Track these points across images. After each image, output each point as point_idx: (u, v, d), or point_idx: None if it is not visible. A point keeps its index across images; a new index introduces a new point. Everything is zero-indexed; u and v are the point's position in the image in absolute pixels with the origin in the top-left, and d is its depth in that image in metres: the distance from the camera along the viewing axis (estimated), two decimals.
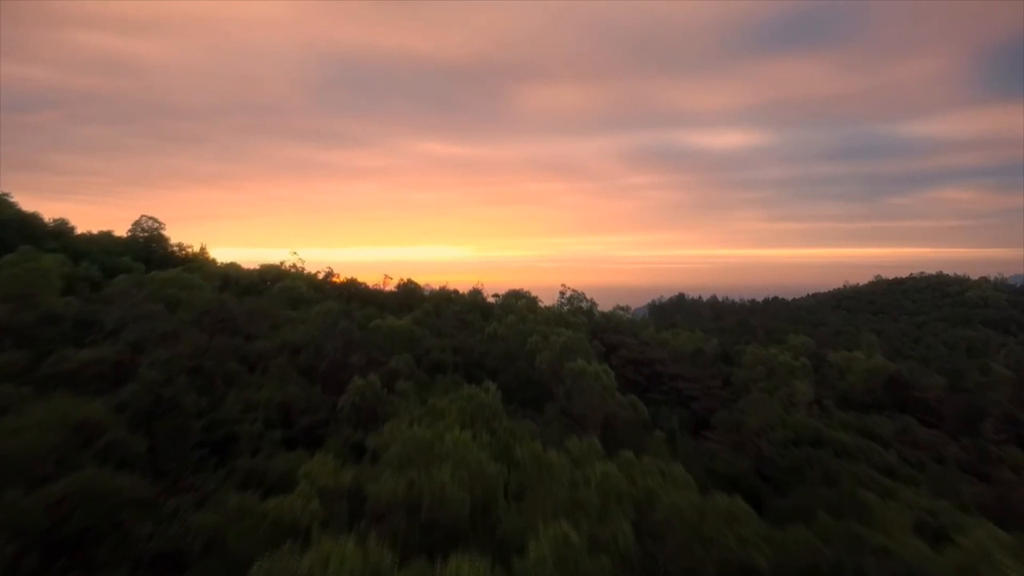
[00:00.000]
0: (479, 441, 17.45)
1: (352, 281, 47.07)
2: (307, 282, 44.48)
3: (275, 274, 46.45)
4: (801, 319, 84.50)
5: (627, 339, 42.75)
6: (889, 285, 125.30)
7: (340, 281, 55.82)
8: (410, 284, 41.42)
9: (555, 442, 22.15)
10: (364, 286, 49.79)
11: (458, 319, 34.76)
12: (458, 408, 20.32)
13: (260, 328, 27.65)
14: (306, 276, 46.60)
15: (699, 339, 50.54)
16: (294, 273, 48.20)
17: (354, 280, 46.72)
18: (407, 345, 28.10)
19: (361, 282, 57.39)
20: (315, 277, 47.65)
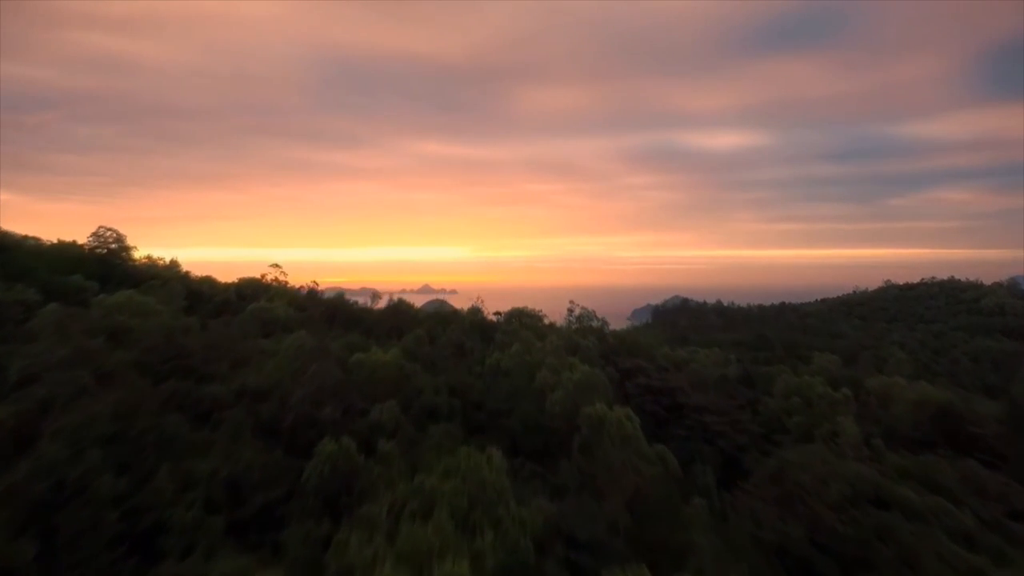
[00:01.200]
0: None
1: (340, 296, 42.32)
2: (288, 298, 39.77)
3: (254, 289, 41.78)
4: (816, 329, 79.89)
5: (643, 364, 38.14)
6: (900, 291, 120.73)
7: (326, 289, 51.60)
8: (401, 304, 36.58)
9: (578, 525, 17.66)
10: (354, 304, 45.03)
11: (455, 346, 30.15)
12: (453, 489, 15.77)
13: (219, 367, 23.05)
14: (288, 291, 41.81)
15: (718, 358, 45.99)
16: (275, 288, 43.50)
17: (342, 294, 41.96)
18: (394, 386, 23.53)
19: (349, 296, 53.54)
20: (298, 292, 42.82)
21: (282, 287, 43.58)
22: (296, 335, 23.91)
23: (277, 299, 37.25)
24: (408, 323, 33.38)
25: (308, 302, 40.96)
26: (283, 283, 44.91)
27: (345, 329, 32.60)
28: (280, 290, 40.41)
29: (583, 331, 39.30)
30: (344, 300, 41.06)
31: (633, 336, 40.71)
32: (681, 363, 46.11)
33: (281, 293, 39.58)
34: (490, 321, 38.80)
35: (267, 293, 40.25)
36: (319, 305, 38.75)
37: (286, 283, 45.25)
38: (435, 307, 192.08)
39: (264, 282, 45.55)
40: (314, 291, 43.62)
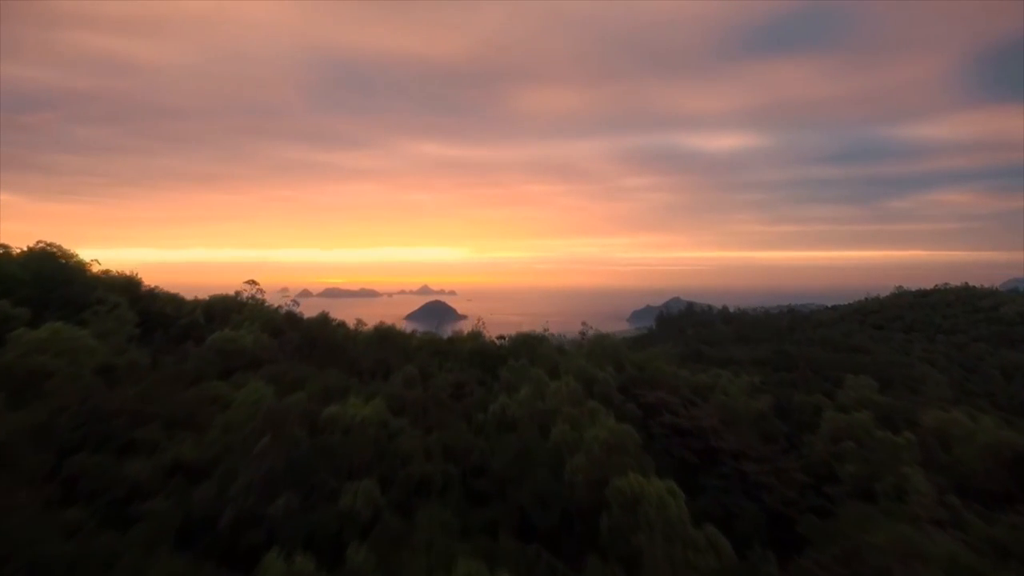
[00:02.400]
0: None
1: (323, 319, 37.04)
2: (264, 320, 34.57)
3: (226, 308, 36.54)
4: (836, 342, 74.96)
5: (668, 398, 33.17)
6: (915, 298, 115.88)
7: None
8: (390, 332, 31.28)
9: None
10: (341, 324, 39.72)
11: (453, 385, 25.02)
12: None
13: (151, 430, 18.04)
14: (265, 311, 36.52)
15: (745, 384, 40.96)
16: (251, 306, 38.26)
17: (326, 316, 36.67)
18: (374, 452, 18.54)
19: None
20: (277, 312, 37.52)
21: (258, 305, 38.39)
22: (252, 387, 18.85)
23: (249, 323, 32.22)
24: (398, 355, 28.26)
25: (286, 324, 35.90)
26: (260, 301, 39.69)
27: (324, 363, 27.48)
28: (255, 310, 35.30)
29: (598, 356, 34.30)
30: (327, 323, 35.84)
31: (654, 361, 35.71)
32: (704, 389, 41.14)
33: (256, 314, 34.50)
34: (493, 347, 33.76)
35: (240, 314, 35.21)
36: (297, 330, 33.63)
37: (263, 301, 40.03)
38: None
39: (240, 299, 40.46)
40: (293, 313, 38.22)
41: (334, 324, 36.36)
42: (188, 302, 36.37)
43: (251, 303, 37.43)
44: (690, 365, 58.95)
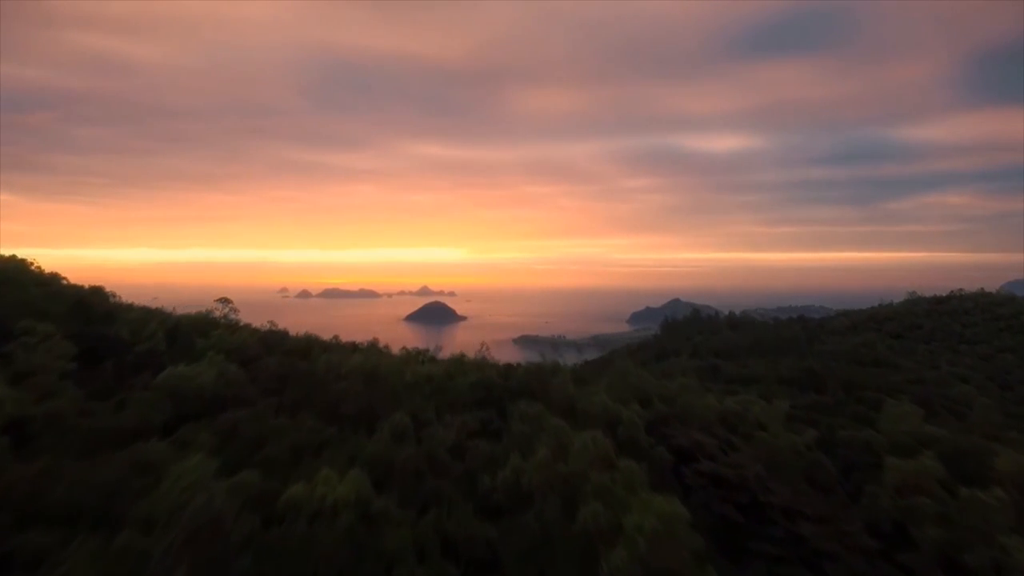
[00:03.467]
0: None
1: (307, 342, 32.31)
2: (237, 345, 29.76)
3: (196, 327, 31.58)
4: (860, 355, 70.23)
5: (702, 438, 28.26)
6: (930, 305, 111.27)
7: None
8: (378, 370, 26.11)
9: None
10: (326, 350, 34.88)
11: (458, 435, 20.07)
12: None
13: (36, 534, 13.31)
14: (238, 335, 31.52)
15: (778, 412, 36.24)
16: (223, 326, 33.31)
17: (311, 341, 31.90)
18: (349, 555, 13.82)
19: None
20: (253, 335, 32.50)
21: (232, 327, 33.43)
22: (189, 466, 14.02)
23: (214, 352, 27.46)
24: (387, 397, 23.37)
25: (263, 347, 31.02)
26: (235, 321, 34.70)
27: (300, 403, 22.66)
28: (224, 336, 30.33)
29: (619, 387, 29.49)
30: (310, 349, 30.91)
31: (684, 394, 30.85)
32: (735, 418, 36.38)
33: (224, 341, 29.66)
34: (500, 379, 28.87)
35: (209, 338, 30.39)
36: (275, 354, 28.69)
37: (238, 321, 35.09)
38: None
39: (212, 317, 35.60)
40: (274, 334, 33.12)
41: (318, 350, 31.59)
42: (152, 321, 31.54)
43: (224, 323, 32.66)
44: (708, 384, 54.25)
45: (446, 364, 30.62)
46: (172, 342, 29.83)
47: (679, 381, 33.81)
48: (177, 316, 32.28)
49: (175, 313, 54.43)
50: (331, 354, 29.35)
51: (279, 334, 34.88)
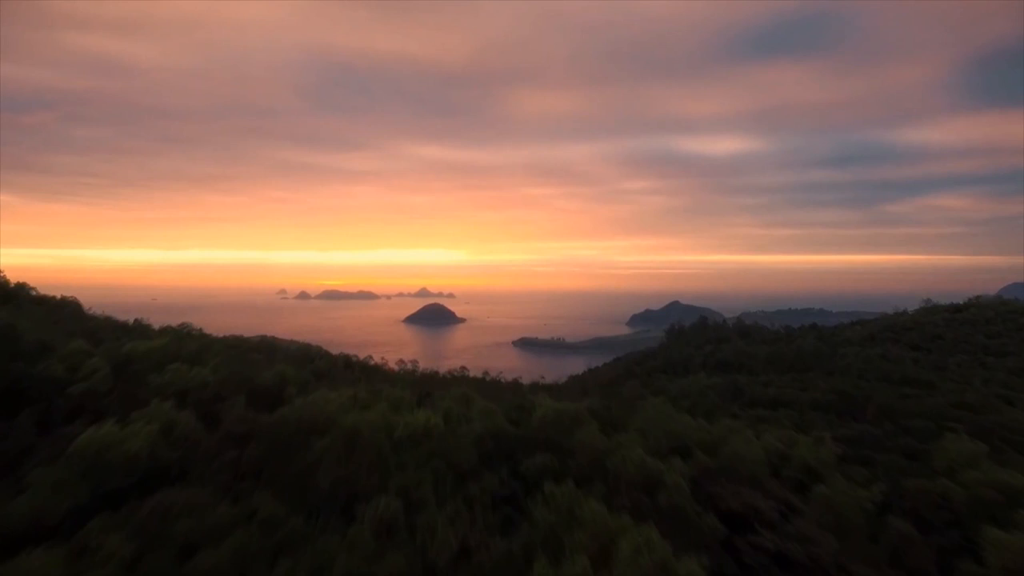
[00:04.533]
0: None
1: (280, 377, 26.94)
2: (193, 385, 24.38)
3: (146, 357, 26.22)
4: (887, 371, 65.31)
5: (756, 500, 23.25)
6: (948, 313, 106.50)
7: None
8: (360, 431, 20.35)
9: None
10: (304, 376, 29.68)
11: (463, 541, 14.92)
12: None
13: None
14: (202, 370, 25.84)
15: (831, 456, 31.27)
16: (184, 356, 27.72)
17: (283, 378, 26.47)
18: None
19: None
20: (218, 370, 27.00)
21: (195, 358, 28.15)
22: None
23: (172, 389, 22.36)
24: (372, 467, 18.19)
25: (229, 385, 25.73)
26: (205, 343, 29.43)
27: (264, 476, 17.54)
28: (180, 375, 24.96)
29: (656, 437, 24.33)
30: (280, 394, 25.49)
31: (730, 440, 25.65)
32: (780, 461, 31.38)
33: (184, 376, 24.49)
34: (511, 428, 23.70)
35: (163, 374, 25.26)
36: (232, 411, 23.38)
37: (210, 346, 29.75)
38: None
39: (177, 345, 30.38)
40: (249, 362, 27.30)
41: (295, 386, 26.44)
42: (99, 352, 26.38)
43: (185, 356, 27.47)
44: (734, 408, 49.34)
45: (446, 405, 25.57)
46: (118, 379, 24.76)
47: (723, 424, 28.75)
48: (127, 348, 27.12)
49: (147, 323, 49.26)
50: (309, 396, 24.26)
51: (253, 364, 29.67)
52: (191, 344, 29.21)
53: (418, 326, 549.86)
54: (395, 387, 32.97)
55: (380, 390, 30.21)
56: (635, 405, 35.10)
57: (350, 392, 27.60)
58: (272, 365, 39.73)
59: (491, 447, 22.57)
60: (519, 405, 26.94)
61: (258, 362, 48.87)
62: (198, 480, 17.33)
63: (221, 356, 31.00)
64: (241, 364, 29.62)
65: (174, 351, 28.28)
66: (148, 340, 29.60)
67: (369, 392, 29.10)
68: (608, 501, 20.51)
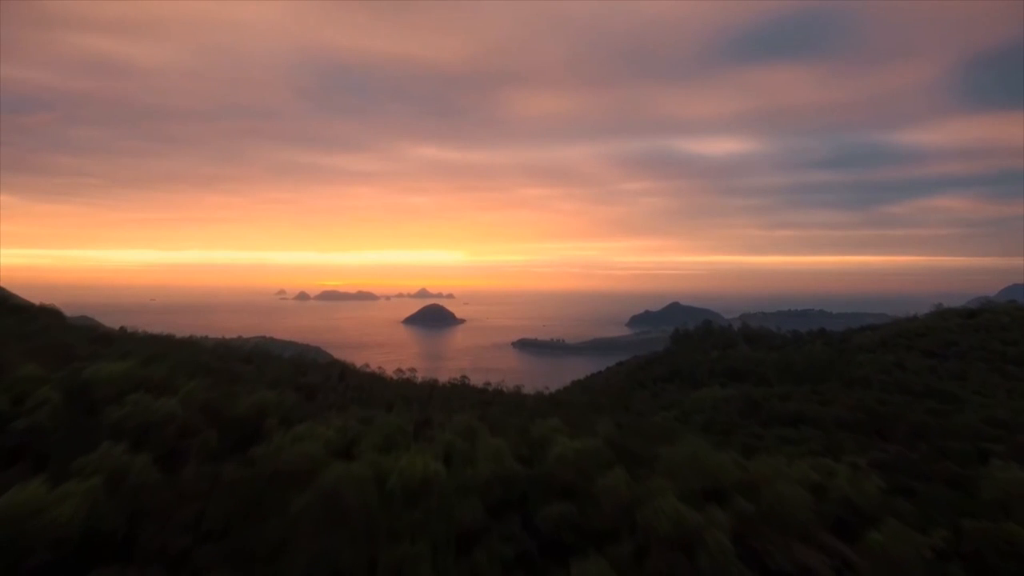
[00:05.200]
0: None
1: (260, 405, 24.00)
2: (156, 419, 21.15)
3: (107, 383, 23.15)
4: (908, 383, 62.33)
5: (809, 557, 20.44)
6: (962, 319, 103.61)
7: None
8: (342, 490, 17.38)
9: None
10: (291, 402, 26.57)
11: None
12: None
13: None
14: (169, 401, 22.41)
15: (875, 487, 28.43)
16: (154, 381, 24.29)
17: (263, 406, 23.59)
18: None
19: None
20: (188, 400, 23.65)
21: (163, 384, 24.78)
22: None
23: (131, 423, 19.21)
24: (357, 536, 15.27)
25: (200, 417, 22.61)
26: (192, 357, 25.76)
27: (229, 545, 14.69)
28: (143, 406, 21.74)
29: (688, 478, 21.40)
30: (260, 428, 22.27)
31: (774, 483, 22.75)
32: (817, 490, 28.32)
33: (147, 408, 21.26)
34: (522, 465, 20.68)
35: (123, 405, 22.02)
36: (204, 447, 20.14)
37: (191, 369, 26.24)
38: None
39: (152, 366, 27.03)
40: (227, 388, 23.51)
41: (275, 416, 23.33)
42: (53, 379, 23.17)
43: (154, 381, 24.24)
44: (753, 426, 46.25)
45: (447, 440, 22.28)
46: (71, 412, 21.54)
47: (763, 462, 25.54)
48: (91, 370, 23.88)
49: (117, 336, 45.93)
50: (290, 432, 21.04)
51: (235, 384, 26.49)
52: (159, 370, 25.90)
53: (417, 327, 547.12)
54: (390, 411, 29.78)
55: (373, 416, 27.00)
56: (656, 428, 31.94)
57: (339, 423, 24.32)
58: (257, 385, 36.52)
59: (500, 494, 19.31)
60: (530, 439, 23.78)
61: (245, 376, 45.72)
62: (145, 550, 14.12)
63: (197, 380, 27.64)
64: (218, 388, 26.37)
65: (141, 375, 24.98)
66: (115, 361, 26.27)
67: (361, 420, 25.82)
68: (639, 563, 17.42)
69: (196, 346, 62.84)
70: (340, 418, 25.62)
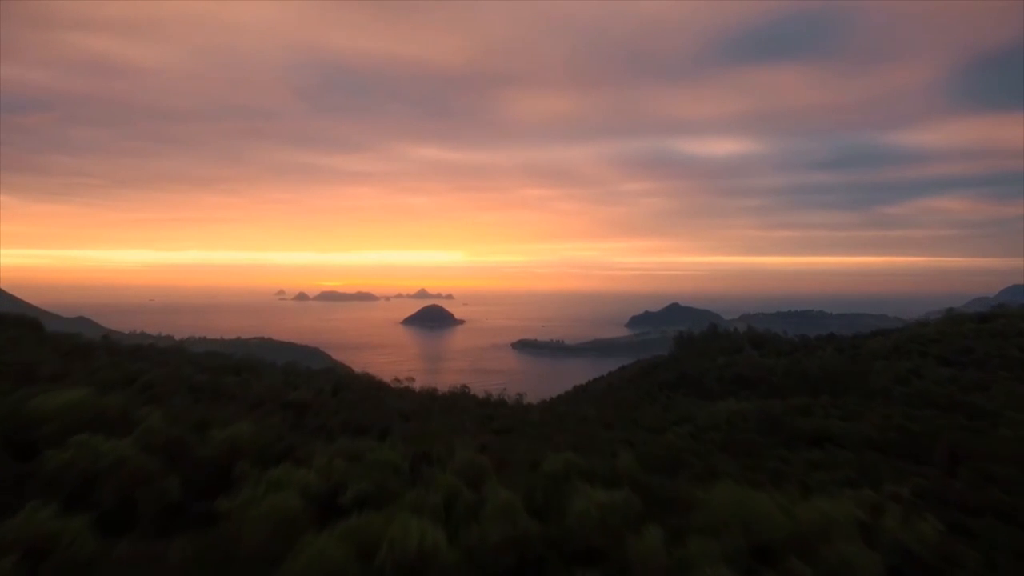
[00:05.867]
0: None
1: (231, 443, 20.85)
2: (94, 474, 18.13)
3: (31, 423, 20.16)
4: (932, 396, 59.16)
5: None
6: (975, 324, 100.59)
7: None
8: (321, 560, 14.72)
9: None
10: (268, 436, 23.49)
11: None
12: None
13: None
14: (121, 444, 19.38)
15: (933, 531, 25.41)
16: (105, 418, 21.20)
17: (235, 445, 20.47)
18: None
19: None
20: (147, 441, 20.45)
21: (109, 423, 21.36)
22: None
23: (55, 486, 16.04)
24: None
25: (157, 462, 19.45)
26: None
27: None
28: (81, 456, 18.60)
29: (732, 533, 18.38)
30: (228, 475, 19.22)
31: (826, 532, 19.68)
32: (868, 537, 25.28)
33: (82, 459, 18.11)
34: (538, 526, 17.49)
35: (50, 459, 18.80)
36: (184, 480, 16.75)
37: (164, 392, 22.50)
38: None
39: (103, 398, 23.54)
40: (201, 419, 20.21)
41: (246, 462, 20.12)
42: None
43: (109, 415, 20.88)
44: (777, 447, 43.02)
45: (449, 484, 18.93)
46: (4, 457, 18.30)
47: (810, 506, 22.31)
48: (37, 400, 20.61)
49: None
50: (265, 478, 17.74)
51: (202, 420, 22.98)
52: (116, 400, 22.57)
53: (417, 327, 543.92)
54: (384, 439, 26.45)
55: (364, 451, 23.72)
56: (676, 452, 28.86)
57: (324, 461, 20.98)
58: (240, 407, 33.35)
59: (512, 562, 16.04)
60: (544, 481, 20.52)
61: (230, 390, 42.48)
62: None
63: (166, 407, 24.46)
64: (189, 417, 23.07)
65: (95, 407, 21.64)
66: (69, 388, 22.95)
67: (349, 457, 22.45)
68: None
69: (183, 355, 59.65)
70: (326, 453, 22.36)
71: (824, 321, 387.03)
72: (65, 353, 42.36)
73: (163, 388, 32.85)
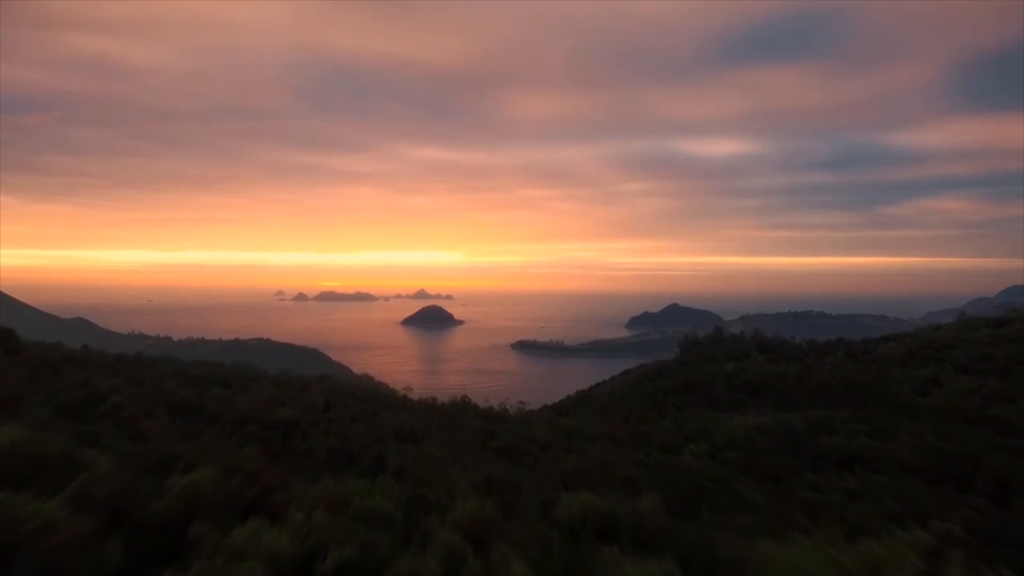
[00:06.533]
0: None
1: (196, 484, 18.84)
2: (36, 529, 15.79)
3: None
4: (959, 409, 56.15)
5: None
6: (991, 329, 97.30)
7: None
8: None
9: None
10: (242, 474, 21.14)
11: None
12: None
13: None
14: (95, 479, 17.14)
15: None
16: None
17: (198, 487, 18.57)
18: None
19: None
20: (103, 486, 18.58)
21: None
22: None
23: None
24: None
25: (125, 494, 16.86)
26: None
27: None
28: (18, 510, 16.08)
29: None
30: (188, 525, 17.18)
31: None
32: None
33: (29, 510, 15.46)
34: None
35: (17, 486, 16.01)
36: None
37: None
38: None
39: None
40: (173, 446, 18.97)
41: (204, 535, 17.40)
42: None
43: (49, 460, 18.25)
44: (805, 472, 40.09)
45: (450, 542, 15.17)
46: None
47: (868, 554, 19.07)
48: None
49: None
50: (224, 547, 14.33)
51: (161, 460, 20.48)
52: (58, 442, 18.85)
53: (416, 328, 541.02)
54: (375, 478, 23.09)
55: (350, 495, 20.14)
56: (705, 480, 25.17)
57: (301, 516, 17.27)
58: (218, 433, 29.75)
59: None
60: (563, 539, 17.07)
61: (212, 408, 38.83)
62: None
63: (113, 452, 20.60)
64: (146, 459, 19.70)
65: (31, 452, 18.01)
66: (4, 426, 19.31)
67: (330, 507, 18.68)
68: None
69: (169, 365, 56.29)
70: (304, 503, 18.83)
71: (824, 321, 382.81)
72: (32, 369, 38.99)
73: (132, 412, 29.35)
